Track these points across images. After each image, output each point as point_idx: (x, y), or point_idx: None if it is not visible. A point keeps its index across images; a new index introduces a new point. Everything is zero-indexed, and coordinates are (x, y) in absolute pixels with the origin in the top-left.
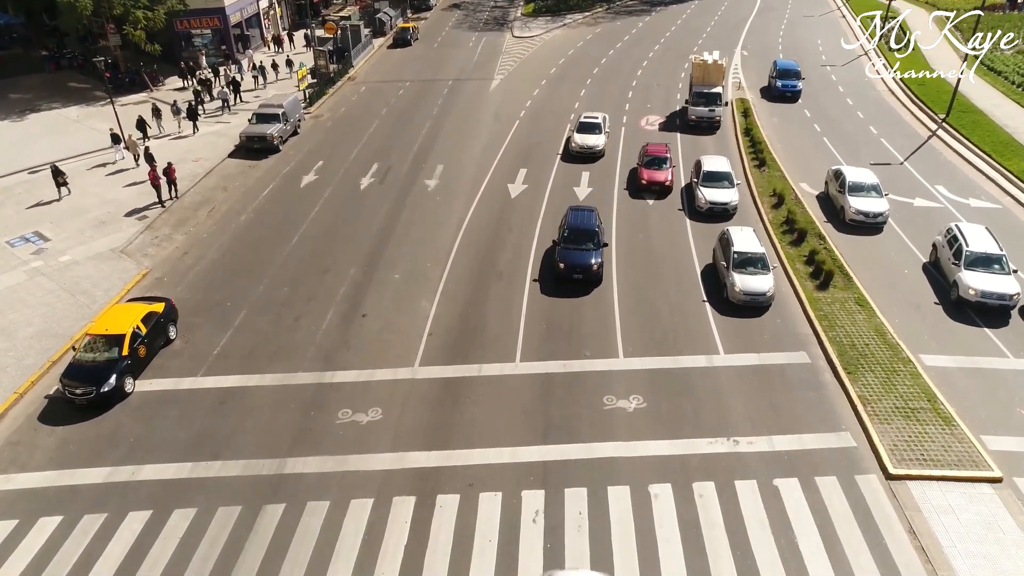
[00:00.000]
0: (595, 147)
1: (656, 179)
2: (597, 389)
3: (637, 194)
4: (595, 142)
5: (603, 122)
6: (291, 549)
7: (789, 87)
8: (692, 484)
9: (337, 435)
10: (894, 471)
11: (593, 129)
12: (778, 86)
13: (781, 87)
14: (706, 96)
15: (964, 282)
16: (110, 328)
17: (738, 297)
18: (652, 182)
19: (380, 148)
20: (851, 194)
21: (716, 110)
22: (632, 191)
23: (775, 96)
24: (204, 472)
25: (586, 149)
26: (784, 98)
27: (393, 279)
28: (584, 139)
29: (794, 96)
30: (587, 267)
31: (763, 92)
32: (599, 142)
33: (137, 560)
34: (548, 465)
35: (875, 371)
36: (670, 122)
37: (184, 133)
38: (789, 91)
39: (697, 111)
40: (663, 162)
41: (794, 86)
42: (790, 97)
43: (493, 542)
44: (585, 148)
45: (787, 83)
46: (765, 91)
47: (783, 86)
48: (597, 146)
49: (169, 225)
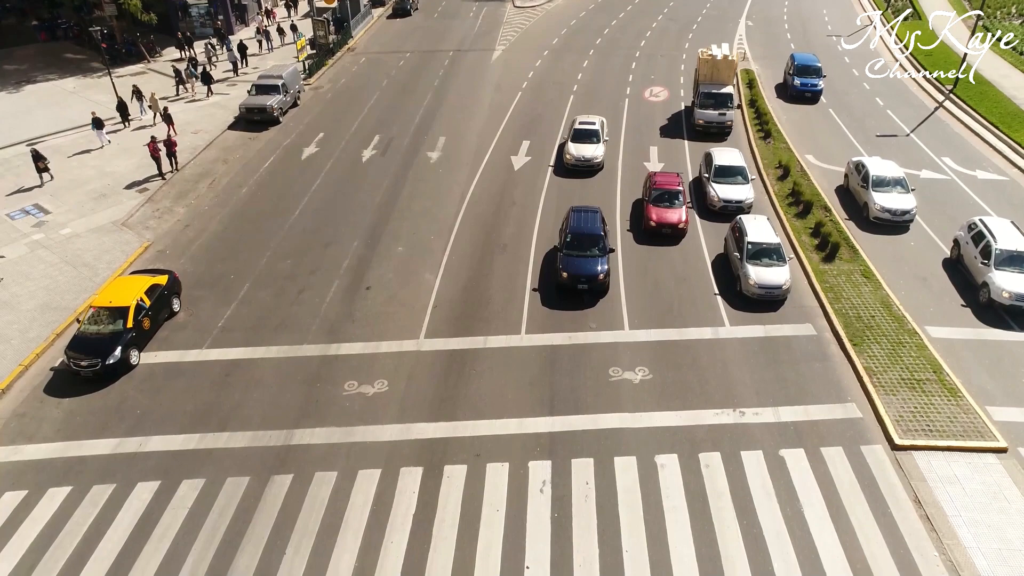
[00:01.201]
0: (593, 159)
1: (667, 220)
2: (603, 361)
3: (644, 238)
4: (593, 153)
5: (601, 128)
6: (300, 519)
7: (808, 86)
8: (698, 455)
9: (343, 407)
10: (900, 441)
11: (590, 137)
12: (796, 85)
13: (800, 86)
14: (715, 97)
15: (997, 284)
16: (114, 300)
17: (752, 290)
18: (663, 224)
19: (381, 120)
20: (875, 189)
21: (727, 113)
22: (637, 234)
23: (792, 96)
24: (211, 443)
25: (582, 162)
26: (803, 99)
27: (396, 252)
28: (580, 150)
29: (814, 97)
30: (593, 276)
31: (778, 91)
32: (597, 153)
33: (147, 529)
34: (554, 436)
35: (881, 343)
36: (674, 125)
37: (198, 97)
38: (809, 91)
39: (705, 115)
40: (675, 197)
41: (814, 85)
42: (809, 98)
43: (500, 511)
44: (581, 161)
45: (806, 81)
46: (780, 89)
47: (802, 85)
48: (595, 158)
49: (170, 198)
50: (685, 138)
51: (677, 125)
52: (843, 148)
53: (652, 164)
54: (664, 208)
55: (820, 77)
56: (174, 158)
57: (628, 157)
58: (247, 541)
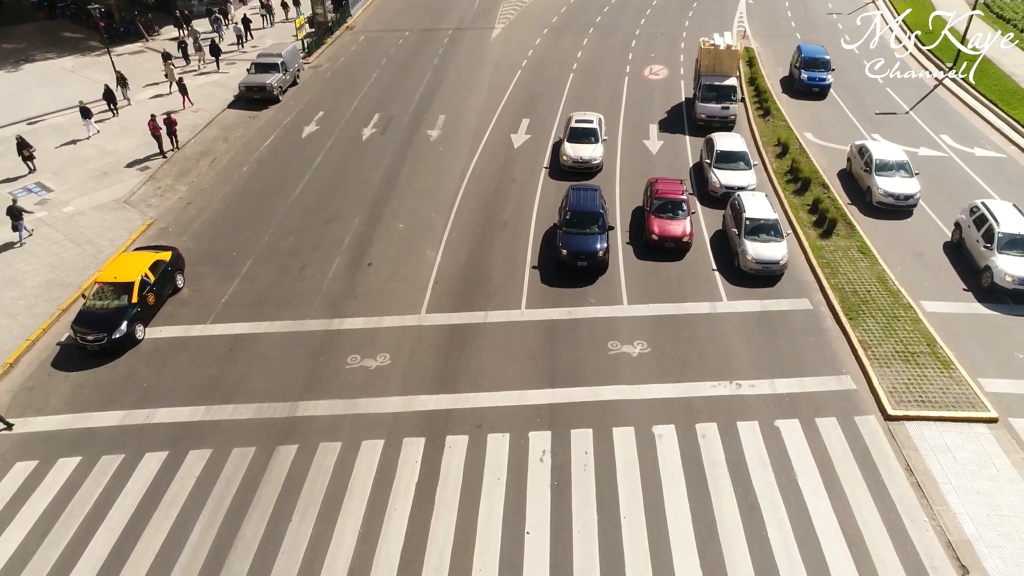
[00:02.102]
0: (591, 160)
1: (671, 233)
2: (602, 335)
3: (645, 253)
4: (591, 154)
5: (599, 126)
6: (305, 487)
7: (817, 80)
8: (695, 425)
9: (347, 380)
10: (892, 412)
11: (588, 136)
12: (803, 79)
13: (807, 80)
14: (717, 90)
15: (1000, 268)
16: (118, 276)
17: (750, 266)
18: (665, 237)
19: (381, 98)
20: (878, 174)
21: (730, 107)
22: (638, 247)
23: (800, 92)
24: (217, 415)
25: (580, 163)
26: (810, 94)
27: (398, 229)
28: (577, 150)
29: (822, 92)
30: (592, 253)
31: (784, 85)
32: (596, 154)
33: (156, 498)
34: (554, 408)
35: (876, 317)
36: (675, 119)
37: (207, 70)
38: (817, 85)
39: (707, 109)
40: (678, 208)
41: (823, 79)
42: (817, 93)
43: (501, 480)
44: (579, 162)
45: (814, 75)
46: (786, 84)
47: (809, 79)
48: (594, 159)
49: (171, 176)
50: (686, 133)
51: (678, 119)
52: (842, 126)
53: (651, 143)
54: (667, 220)
55: (829, 71)
56: (174, 136)
57: (628, 134)
58: (254, 509)
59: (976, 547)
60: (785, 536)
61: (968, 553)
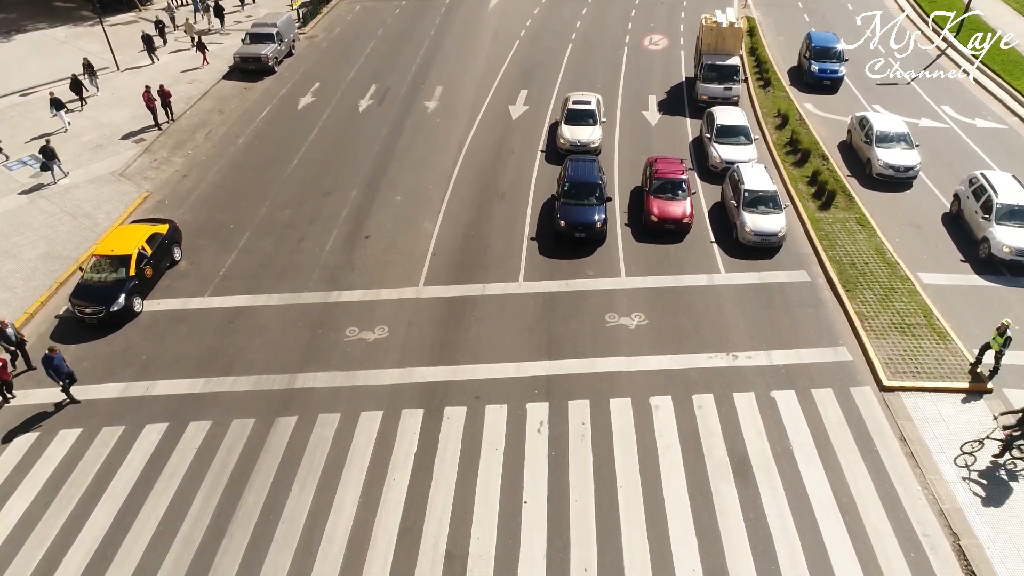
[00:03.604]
0: (589, 144)
1: (670, 214)
2: (599, 307)
3: (644, 236)
4: (589, 137)
5: (597, 106)
6: (304, 458)
7: (828, 73)
8: (692, 396)
9: (345, 352)
10: (888, 383)
11: (586, 118)
12: (814, 71)
13: (818, 72)
14: (719, 70)
15: (997, 239)
16: (116, 249)
17: (748, 238)
18: (665, 218)
19: (377, 69)
20: (879, 145)
21: (733, 88)
22: (636, 229)
23: (810, 85)
24: (216, 387)
25: (578, 147)
26: (821, 87)
27: (395, 201)
28: (575, 133)
29: (834, 85)
30: (590, 224)
31: (792, 76)
32: (594, 136)
33: (157, 468)
34: (552, 379)
35: (873, 289)
36: (674, 100)
37: (213, 29)
38: (828, 78)
39: (709, 89)
40: (679, 188)
41: (835, 72)
42: (828, 86)
43: (499, 450)
44: (577, 146)
45: (825, 67)
46: (795, 75)
47: (820, 71)
48: (592, 142)
49: (167, 148)
50: (687, 115)
51: (678, 99)
52: (843, 97)
53: (650, 115)
54: (667, 200)
55: (841, 61)
56: (169, 108)
57: (627, 105)
58: (254, 479)
59: (968, 515)
60: (780, 504)
61: (959, 521)
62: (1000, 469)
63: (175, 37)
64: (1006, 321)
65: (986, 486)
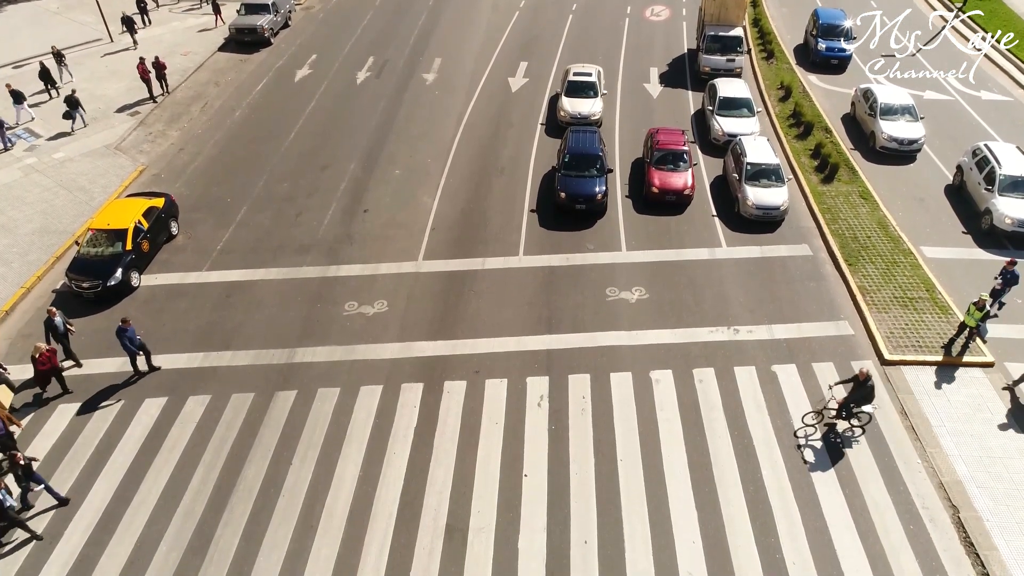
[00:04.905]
0: (590, 116)
1: (672, 186)
2: (600, 281)
3: (645, 208)
4: (590, 109)
5: (598, 79)
6: (304, 432)
7: (836, 52)
8: (692, 370)
9: (344, 326)
10: (889, 357)
11: (586, 90)
12: (821, 50)
13: (825, 52)
14: (722, 41)
15: (999, 210)
16: (112, 223)
17: (750, 211)
18: (666, 190)
19: (375, 41)
20: (883, 118)
21: (736, 59)
22: (637, 201)
23: (816, 64)
24: (216, 361)
25: (578, 119)
26: (828, 66)
27: (394, 175)
28: (575, 105)
29: (841, 64)
30: (591, 196)
31: (798, 54)
32: (595, 109)
33: (157, 442)
34: (552, 353)
35: (875, 262)
36: (676, 72)
37: None
38: (836, 56)
39: (711, 61)
40: (680, 159)
41: (842, 50)
42: (836, 65)
43: (499, 424)
44: (577, 118)
45: (832, 45)
46: (801, 53)
47: (827, 50)
48: (593, 114)
49: (162, 121)
50: (688, 88)
51: (679, 71)
52: (847, 69)
53: (652, 87)
54: (668, 172)
55: (850, 39)
56: (164, 80)
57: (628, 77)
58: (254, 453)
59: (967, 488)
60: (779, 477)
61: (959, 493)
62: (834, 436)
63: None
64: (984, 296)
65: (986, 459)
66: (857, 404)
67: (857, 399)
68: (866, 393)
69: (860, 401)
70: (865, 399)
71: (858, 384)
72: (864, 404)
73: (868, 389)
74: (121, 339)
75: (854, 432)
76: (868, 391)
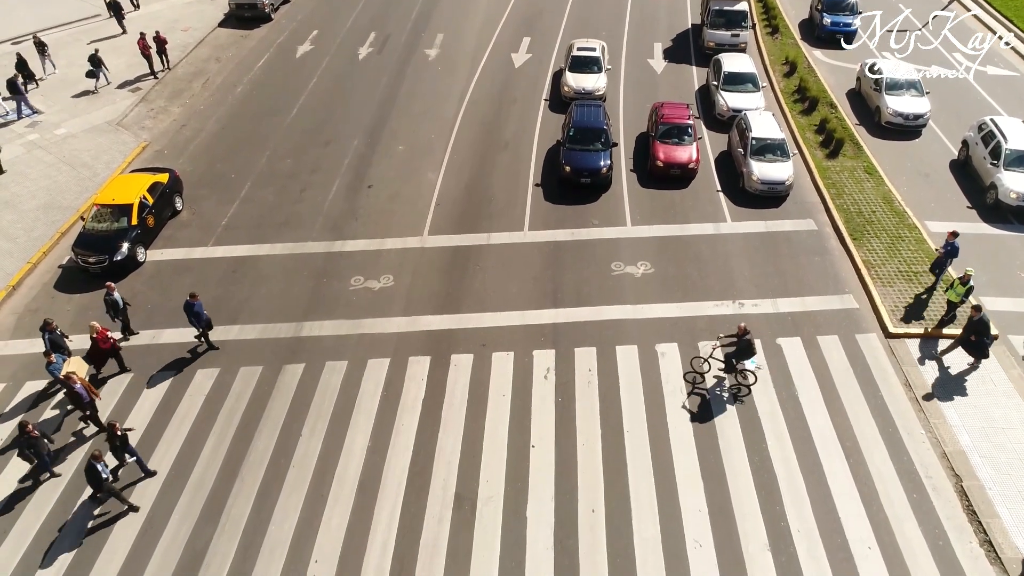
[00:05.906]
0: (594, 91)
1: (676, 159)
2: (605, 256)
3: (649, 182)
4: (594, 84)
5: (602, 54)
6: (313, 404)
7: (842, 26)
8: (698, 343)
9: (351, 301)
10: (893, 330)
11: (590, 66)
12: (826, 24)
13: (831, 26)
14: (727, 15)
15: (1005, 184)
16: (117, 198)
17: (755, 186)
18: (670, 163)
19: (377, 16)
20: (888, 93)
21: (741, 35)
22: (642, 175)
23: (821, 39)
24: (223, 335)
25: (582, 95)
26: (833, 42)
27: (397, 150)
28: (579, 81)
29: (847, 38)
30: (596, 170)
31: (803, 29)
32: (599, 84)
33: (167, 415)
34: (558, 327)
35: (880, 237)
36: (680, 48)
37: None
38: (841, 31)
39: (716, 36)
40: (684, 133)
41: (848, 25)
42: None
43: (506, 396)
44: (581, 93)
45: (837, 20)
46: (806, 28)
47: (833, 24)
48: (597, 90)
49: (164, 97)
50: (693, 63)
51: (684, 47)
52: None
53: (656, 62)
54: (672, 145)
55: (855, 14)
56: (165, 56)
57: (632, 53)
58: (264, 425)
59: (970, 457)
60: (784, 447)
61: (962, 463)
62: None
63: None
64: (969, 271)
65: (989, 430)
66: (737, 359)
67: (736, 354)
68: (743, 347)
69: (739, 355)
70: (743, 354)
71: (738, 338)
72: (744, 359)
73: (745, 343)
74: (188, 313)
75: (740, 390)
76: (745, 345)
